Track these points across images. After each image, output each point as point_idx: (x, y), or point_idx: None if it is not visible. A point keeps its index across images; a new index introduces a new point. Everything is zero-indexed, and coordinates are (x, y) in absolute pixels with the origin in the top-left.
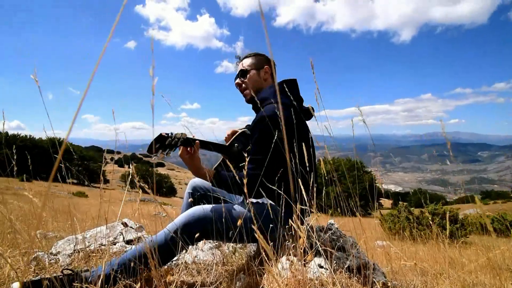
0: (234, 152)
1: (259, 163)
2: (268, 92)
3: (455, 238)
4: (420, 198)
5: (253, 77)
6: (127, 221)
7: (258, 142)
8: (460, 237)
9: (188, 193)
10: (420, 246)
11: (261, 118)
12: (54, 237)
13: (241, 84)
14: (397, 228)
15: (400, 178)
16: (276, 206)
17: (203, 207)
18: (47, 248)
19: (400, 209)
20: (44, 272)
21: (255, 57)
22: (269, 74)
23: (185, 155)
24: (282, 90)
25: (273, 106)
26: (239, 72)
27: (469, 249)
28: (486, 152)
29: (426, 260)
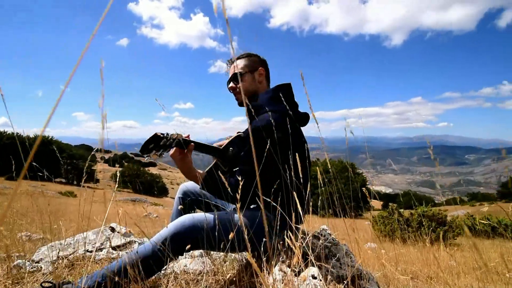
0: (228, 156)
1: (246, 174)
2: (263, 98)
3: (443, 240)
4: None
5: (247, 81)
6: (115, 226)
7: (250, 155)
8: (448, 239)
9: (179, 198)
10: (410, 248)
11: (255, 129)
12: (39, 239)
13: (235, 88)
14: (387, 230)
15: (390, 179)
16: (269, 214)
17: (193, 216)
18: (30, 253)
19: (390, 211)
20: (22, 284)
21: (248, 59)
22: (263, 76)
23: (177, 156)
24: (277, 97)
25: (268, 116)
26: (232, 76)
27: (457, 251)
28: (473, 155)
29: (417, 263)
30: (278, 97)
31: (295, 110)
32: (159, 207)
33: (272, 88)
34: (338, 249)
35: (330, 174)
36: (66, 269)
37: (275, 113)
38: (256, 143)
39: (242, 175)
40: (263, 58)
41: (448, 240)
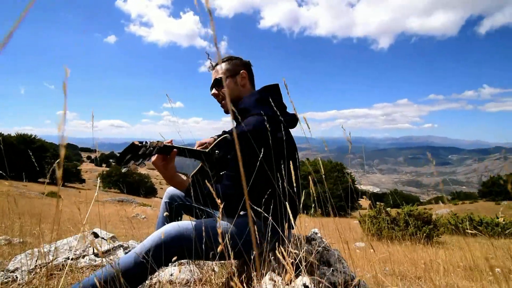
0: (214, 159)
1: (236, 182)
2: (248, 101)
3: (428, 239)
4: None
5: (229, 86)
6: (98, 231)
7: (236, 160)
8: (433, 237)
9: (165, 202)
10: (397, 247)
11: (241, 133)
12: (19, 243)
13: (218, 94)
14: (375, 229)
15: (377, 179)
16: (259, 222)
17: (179, 224)
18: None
19: (378, 210)
20: None
21: (229, 62)
22: (246, 79)
23: (159, 163)
24: (264, 99)
25: (255, 119)
26: (213, 82)
27: (442, 249)
28: (455, 156)
29: (404, 263)
30: (265, 99)
31: (283, 112)
32: (147, 208)
33: (258, 90)
34: (330, 255)
35: (320, 174)
36: (44, 278)
37: (261, 116)
38: (243, 148)
39: (230, 181)
40: (245, 61)
41: (433, 238)
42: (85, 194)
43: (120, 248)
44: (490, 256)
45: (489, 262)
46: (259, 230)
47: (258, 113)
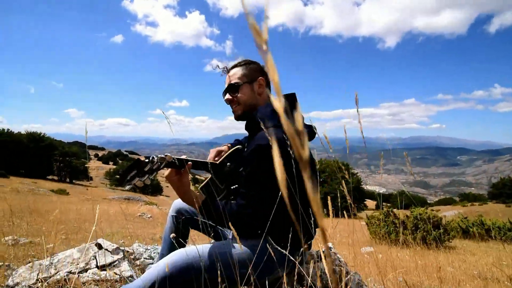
0: (225, 172)
1: (251, 200)
2: (264, 112)
3: (438, 243)
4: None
5: (246, 92)
6: (102, 242)
7: (252, 176)
8: (444, 241)
9: (172, 216)
10: (406, 251)
11: (257, 147)
12: (26, 243)
13: (232, 100)
14: (383, 232)
15: (384, 179)
16: (273, 244)
17: (187, 252)
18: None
19: (386, 212)
20: None
21: (247, 67)
22: (263, 86)
23: (173, 177)
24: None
25: (271, 132)
26: (228, 87)
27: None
28: (464, 156)
29: (416, 271)
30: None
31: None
32: (153, 207)
33: None
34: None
35: (326, 174)
36: None
37: (278, 128)
38: (259, 164)
39: (245, 199)
40: (263, 66)
41: (443, 243)
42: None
43: (125, 261)
44: (505, 263)
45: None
46: (275, 254)
47: (273, 125)
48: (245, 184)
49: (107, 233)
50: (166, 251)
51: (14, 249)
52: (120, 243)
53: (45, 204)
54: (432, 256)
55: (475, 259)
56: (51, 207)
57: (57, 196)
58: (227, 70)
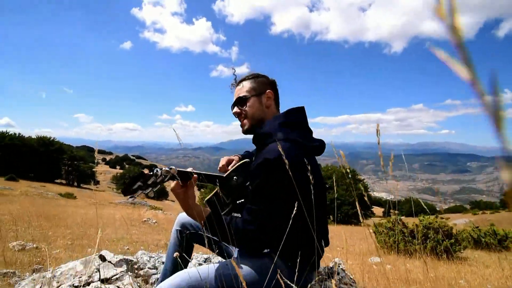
0: (232, 185)
1: (258, 217)
2: (272, 125)
3: (450, 254)
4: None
5: (254, 105)
6: (106, 254)
7: (259, 192)
8: (455, 252)
9: (176, 230)
10: (417, 263)
11: (264, 161)
12: (32, 249)
13: (240, 113)
14: (391, 241)
15: (392, 186)
16: (280, 262)
17: (190, 274)
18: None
19: (393, 221)
20: None
21: (255, 80)
22: (272, 99)
23: (178, 190)
24: (289, 123)
25: (277, 146)
26: (236, 100)
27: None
28: (475, 163)
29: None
30: (290, 122)
31: (310, 137)
32: (158, 212)
33: (283, 113)
34: None
35: (332, 180)
36: None
37: (287, 142)
38: (266, 179)
39: (251, 215)
40: (272, 79)
41: (455, 254)
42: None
43: (127, 274)
44: None
45: None
46: (281, 273)
47: (283, 139)
48: (251, 199)
49: (112, 239)
50: (170, 268)
51: (20, 255)
52: (125, 250)
53: (53, 208)
54: (443, 267)
55: (489, 271)
56: (58, 211)
57: (64, 200)
58: (235, 83)
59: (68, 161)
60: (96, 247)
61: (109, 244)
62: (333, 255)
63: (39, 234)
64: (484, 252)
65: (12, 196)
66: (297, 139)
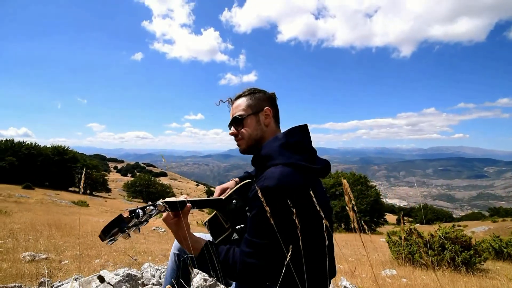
0: (231, 210)
1: (258, 249)
2: (272, 147)
3: (468, 266)
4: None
5: (251, 125)
6: (105, 274)
7: (258, 221)
8: (474, 264)
9: (174, 254)
10: (433, 275)
11: (263, 189)
12: (43, 259)
13: (237, 134)
14: (406, 252)
15: (404, 192)
16: None
17: None
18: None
19: (409, 231)
20: None
21: (252, 97)
22: (270, 116)
23: (169, 221)
24: (290, 144)
25: (279, 171)
26: (232, 120)
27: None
28: (492, 168)
29: None
30: (292, 144)
31: (314, 158)
32: None
33: (284, 133)
34: None
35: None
36: None
37: (288, 166)
38: (266, 208)
39: (251, 248)
40: (270, 94)
41: (474, 266)
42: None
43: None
44: None
45: None
46: None
47: (283, 163)
48: (250, 230)
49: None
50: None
51: (30, 266)
52: (133, 261)
53: (66, 216)
54: (462, 281)
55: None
56: (71, 220)
57: (77, 208)
58: (231, 102)
59: (81, 169)
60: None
61: (116, 255)
62: (345, 266)
63: (50, 244)
64: (507, 264)
65: (28, 204)
66: (299, 163)
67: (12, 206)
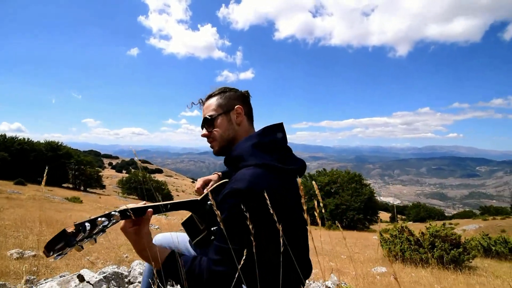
0: (205, 211)
1: (226, 255)
2: (244, 147)
3: (457, 264)
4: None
5: (222, 125)
6: (85, 273)
7: (228, 226)
8: (463, 261)
9: None
10: (422, 272)
11: (233, 191)
12: (31, 257)
13: (209, 135)
14: (397, 250)
15: (398, 191)
16: None
17: None
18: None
19: (400, 228)
20: None
21: (221, 96)
22: (242, 114)
23: (127, 229)
24: (263, 144)
25: (250, 173)
26: (203, 121)
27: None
28: (484, 167)
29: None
30: (265, 144)
31: (289, 159)
32: (162, 216)
33: (257, 133)
34: None
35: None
36: None
37: (260, 167)
38: (236, 212)
39: (219, 254)
40: (242, 92)
41: (463, 263)
42: (105, 200)
43: None
44: None
45: None
46: None
47: (254, 164)
48: (219, 235)
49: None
50: None
51: (17, 264)
52: (124, 258)
53: (58, 212)
54: (450, 279)
55: (498, 282)
56: (63, 216)
57: (71, 204)
58: (202, 102)
59: (75, 165)
60: None
61: (107, 252)
62: (337, 264)
63: (39, 241)
64: (494, 261)
65: (20, 200)
66: (271, 163)
67: (3, 202)
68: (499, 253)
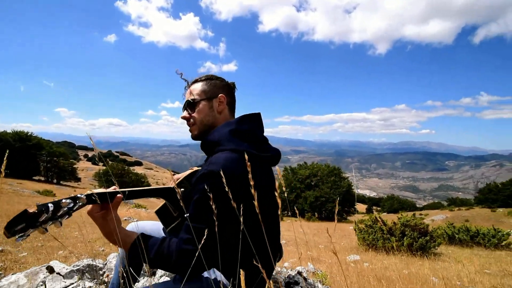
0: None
1: (196, 234)
2: (222, 132)
3: (424, 251)
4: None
5: (203, 110)
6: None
7: (199, 206)
8: (429, 248)
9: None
10: (393, 259)
11: (207, 173)
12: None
13: (189, 118)
14: (371, 239)
15: (375, 184)
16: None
17: None
18: None
19: (374, 219)
20: None
21: (207, 83)
22: (224, 104)
23: (94, 213)
24: (241, 131)
25: (224, 156)
26: (185, 103)
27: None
28: (452, 162)
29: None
30: (242, 131)
31: (264, 147)
32: (141, 210)
33: (235, 120)
34: None
35: (318, 177)
36: None
37: (235, 152)
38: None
39: (189, 233)
40: (228, 82)
41: (429, 250)
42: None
43: (79, 286)
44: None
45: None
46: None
47: (230, 149)
48: (190, 215)
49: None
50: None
51: None
52: (100, 251)
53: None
54: (417, 264)
55: (459, 267)
56: None
57: (42, 197)
58: (188, 85)
59: (47, 157)
60: None
61: (82, 247)
62: (313, 253)
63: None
64: (457, 248)
65: None
66: (247, 150)
67: None
68: (461, 240)
